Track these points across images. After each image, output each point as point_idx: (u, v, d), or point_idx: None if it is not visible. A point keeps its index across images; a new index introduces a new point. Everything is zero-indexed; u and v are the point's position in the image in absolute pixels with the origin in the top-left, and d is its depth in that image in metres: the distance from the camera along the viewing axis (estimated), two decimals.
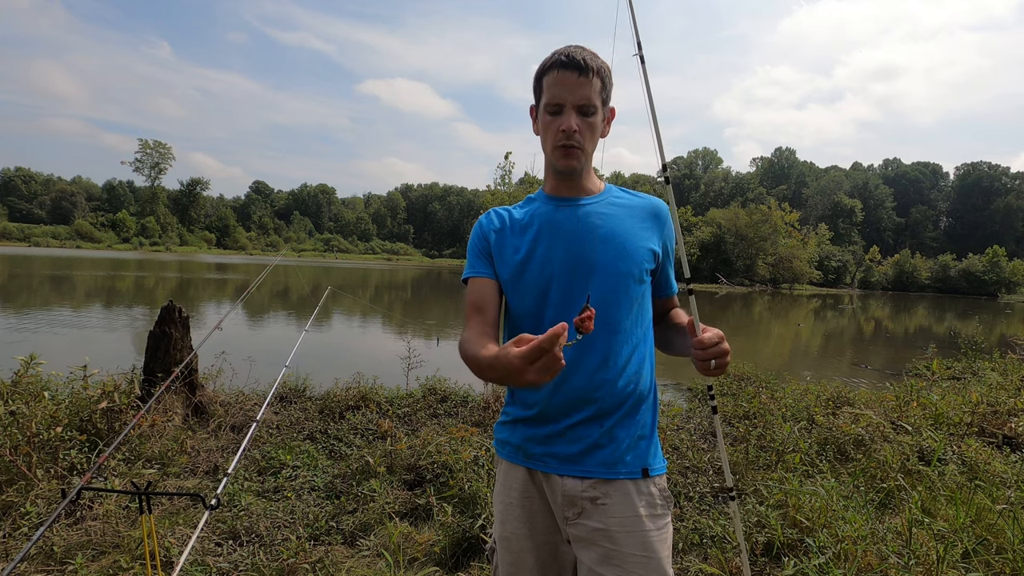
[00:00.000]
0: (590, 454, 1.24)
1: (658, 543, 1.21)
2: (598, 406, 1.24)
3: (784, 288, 52.96)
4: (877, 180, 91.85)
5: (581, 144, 1.25)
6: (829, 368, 10.47)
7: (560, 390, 1.25)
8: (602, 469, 1.23)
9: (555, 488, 1.26)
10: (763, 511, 2.93)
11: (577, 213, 1.31)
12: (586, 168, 1.33)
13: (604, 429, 1.24)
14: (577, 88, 1.22)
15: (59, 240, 68.53)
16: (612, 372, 1.25)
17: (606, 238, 1.28)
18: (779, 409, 4.78)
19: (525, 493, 1.31)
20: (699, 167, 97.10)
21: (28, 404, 3.18)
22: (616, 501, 1.22)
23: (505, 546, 1.33)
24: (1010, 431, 4.49)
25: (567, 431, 1.25)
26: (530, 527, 1.30)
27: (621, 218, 1.32)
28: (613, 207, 1.33)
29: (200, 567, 2.44)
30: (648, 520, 1.22)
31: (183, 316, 4.32)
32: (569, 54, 1.22)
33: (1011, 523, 2.57)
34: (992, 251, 61.22)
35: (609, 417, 1.25)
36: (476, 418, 4.62)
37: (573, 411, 1.25)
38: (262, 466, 3.56)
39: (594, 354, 1.24)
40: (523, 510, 1.31)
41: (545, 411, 1.27)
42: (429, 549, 2.69)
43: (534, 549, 1.30)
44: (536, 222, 1.33)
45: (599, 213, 1.31)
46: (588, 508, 1.23)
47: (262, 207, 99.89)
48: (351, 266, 56.61)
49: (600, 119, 1.27)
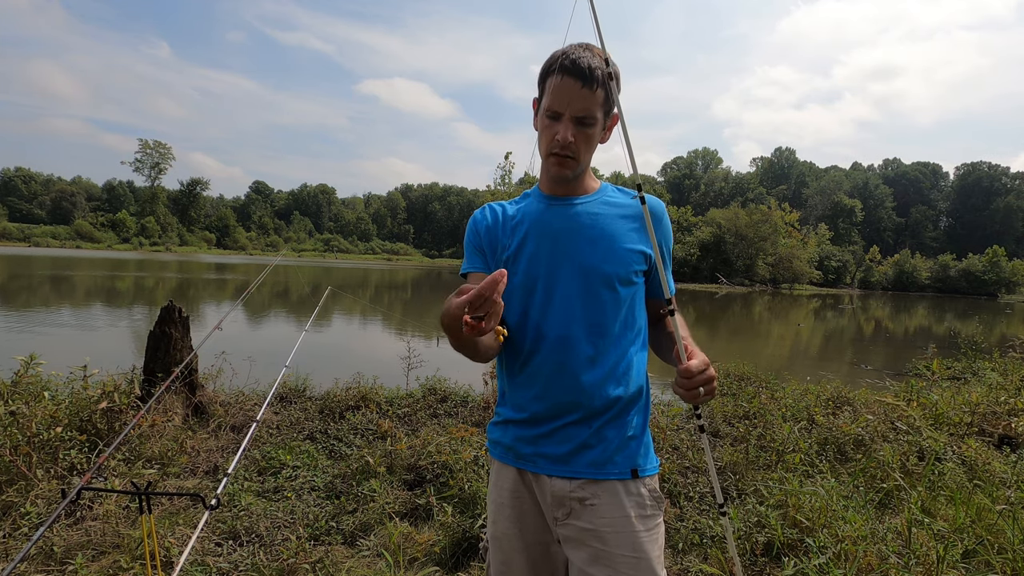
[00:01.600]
0: (578, 454, 1.23)
1: (648, 543, 1.21)
2: (586, 407, 1.23)
3: (784, 288, 52.95)
4: (877, 180, 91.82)
5: (576, 154, 1.23)
6: (829, 368, 10.47)
7: (548, 392, 1.25)
8: (591, 470, 1.23)
9: (544, 488, 1.27)
10: (763, 511, 2.93)
11: (568, 212, 1.30)
12: (580, 171, 1.31)
13: (592, 430, 1.24)
14: (578, 99, 1.18)
15: (59, 240, 68.50)
16: (599, 374, 1.24)
17: (594, 239, 1.27)
18: (779, 409, 4.78)
19: (515, 493, 1.31)
20: (699, 167, 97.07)
21: (28, 404, 3.18)
22: (605, 502, 1.22)
23: (496, 545, 1.34)
24: (1010, 431, 4.49)
25: (556, 431, 1.25)
26: (520, 527, 1.30)
27: (612, 218, 1.30)
28: (606, 207, 1.32)
29: (200, 567, 2.44)
30: (638, 521, 1.21)
31: (183, 316, 4.32)
32: (575, 60, 1.17)
33: (1011, 523, 2.57)
34: (992, 251, 61.21)
35: (598, 418, 1.24)
36: (476, 418, 4.62)
37: (562, 412, 1.24)
38: (262, 466, 3.56)
39: (581, 356, 1.24)
40: (513, 510, 1.31)
41: (534, 412, 1.27)
42: (429, 549, 2.69)
43: (524, 549, 1.30)
44: (526, 220, 1.32)
45: (590, 213, 1.30)
46: (577, 509, 1.23)
47: (262, 207, 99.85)
48: (351, 266, 56.61)
49: (600, 128, 1.25)
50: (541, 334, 1.26)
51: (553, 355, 1.25)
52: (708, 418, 4.84)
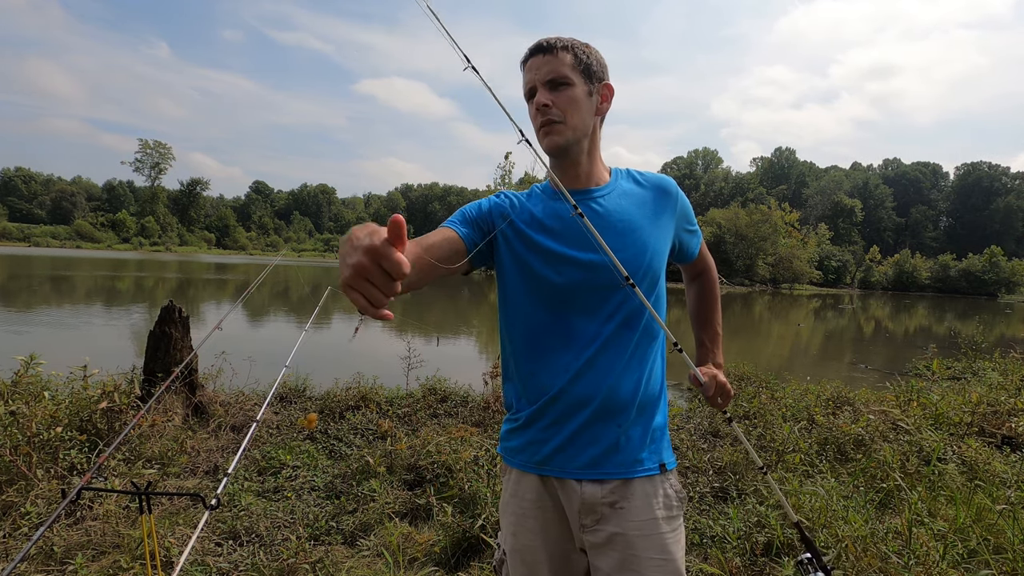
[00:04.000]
0: (607, 456, 1.20)
1: (673, 545, 1.20)
2: (613, 407, 1.20)
3: (784, 288, 52.96)
4: (877, 180, 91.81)
5: (561, 117, 1.20)
6: (829, 368, 10.47)
7: (570, 392, 1.21)
8: (621, 470, 1.20)
9: (571, 495, 1.22)
10: (763, 511, 2.93)
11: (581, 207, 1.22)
12: (581, 148, 1.25)
13: (621, 429, 1.21)
14: (544, 66, 1.21)
15: (59, 240, 68.55)
16: (622, 373, 1.21)
17: (616, 235, 1.22)
18: (779, 409, 4.78)
19: (538, 503, 1.26)
20: (699, 167, 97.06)
21: (28, 404, 3.17)
22: (635, 505, 1.20)
23: (519, 558, 1.27)
24: (1010, 431, 4.49)
25: (582, 433, 1.21)
26: (544, 537, 1.26)
27: (629, 213, 1.25)
28: (622, 198, 1.26)
29: (200, 567, 2.44)
30: (664, 523, 1.20)
31: (183, 316, 4.32)
32: (536, 42, 1.24)
33: (1011, 523, 2.57)
34: (990, 251, 61.23)
35: (624, 417, 1.21)
36: (476, 418, 4.62)
37: (586, 413, 1.20)
38: (262, 466, 3.56)
39: (604, 356, 1.20)
40: (537, 521, 1.26)
41: (557, 416, 1.22)
42: (429, 549, 2.69)
43: (548, 559, 1.26)
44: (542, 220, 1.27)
45: (603, 208, 1.24)
46: (607, 513, 1.20)
47: (262, 207, 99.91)
48: None
49: (583, 91, 1.21)
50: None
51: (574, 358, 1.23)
52: (708, 417, 4.86)
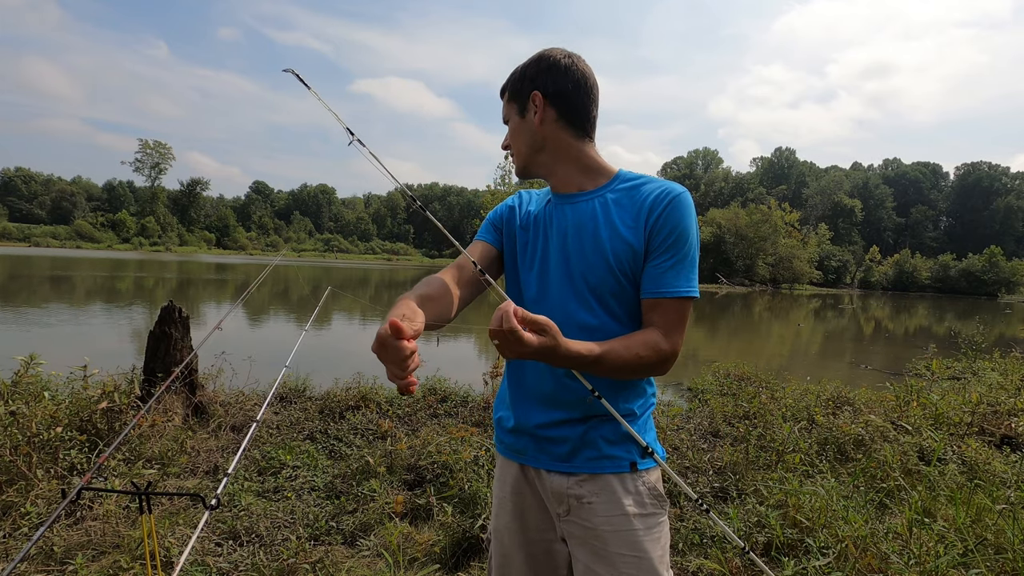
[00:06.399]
0: (576, 451, 1.24)
1: (648, 543, 1.21)
2: (580, 408, 1.23)
3: (784, 288, 52.95)
4: (877, 180, 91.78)
5: (513, 149, 1.35)
6: (829, 368, 10.47)
7: (545, 391, 1.26)
8: (588, 464, 1.24)
9: (546, 485, 1.28)
10: (763, 511, 2.92)
11: (562, 211, 1.28)
12: (540, 162, 1.30)
13: (588, 425, 1.24)
14: (504, 113, 1.36)
15: (59, 240, 68.45)
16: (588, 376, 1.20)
17: (579, 237, 1.24)
18: (779, 409, 4.78)
19: (516, 489, 1.34)
20: (699, 167, 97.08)
21: (28, 404, 3.17)
22: (602, 500, 1.22)
23: (497, 538, 1.38)
24: (1010, 431, 4.49)
25: (556, 427, 1.26)
26: (521, 523, 1.33)
27: (599, 216, 1.23)
28: (602, 203, 1.25)
29: (200, 567, 2.44)
30: (637, 519, 1.21)
31: (183, 316, 4.32)
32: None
33: (1011, 523, 2.57)
34: (990, 251, 61.23)
35: (593, 415, 1.23)
36: (476, 418, 4.62)
37: (555, 411, 1.25)
38: (262, 466, 3.56)
39: None
40: (515, 505, 1.34)
41: (533, 410, 1.28)
42: (429, 549, 2.69)
43: (524, 545, 1.32)
44: (529, 220, 1.36)
45: (581, 211, 1.26)
46: (575, 506, 1.24)
47: (262, 207, 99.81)
48: (351, 266, 56.56)
49: (517, 120, 1.31)
50: None
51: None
52: (708, 417, 4.86)
